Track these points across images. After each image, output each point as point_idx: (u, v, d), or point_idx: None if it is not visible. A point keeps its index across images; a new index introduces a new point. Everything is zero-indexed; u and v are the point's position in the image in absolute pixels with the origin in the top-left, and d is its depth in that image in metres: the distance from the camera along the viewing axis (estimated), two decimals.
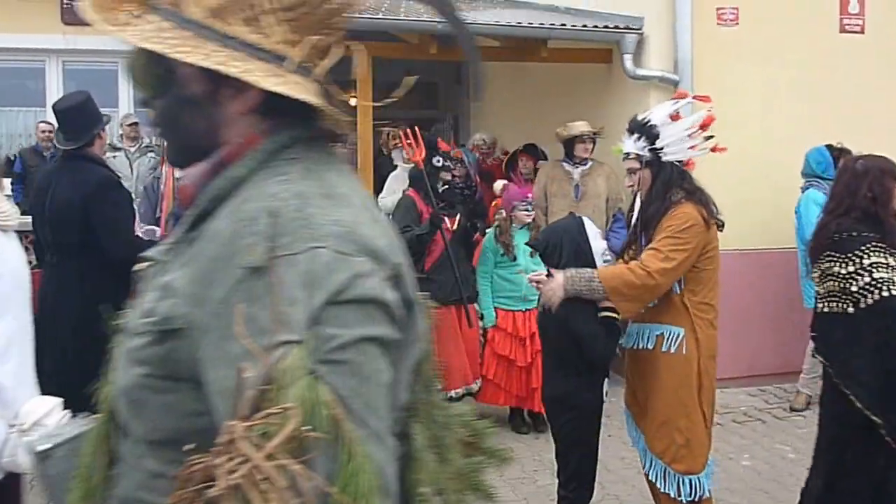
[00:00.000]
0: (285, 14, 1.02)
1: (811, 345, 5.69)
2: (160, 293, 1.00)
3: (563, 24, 6.28)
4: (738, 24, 6.16)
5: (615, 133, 5.84)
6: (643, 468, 3.41)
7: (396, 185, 6.97)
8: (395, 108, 11.47)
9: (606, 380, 3.63)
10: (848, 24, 6.40)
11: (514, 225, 5.27)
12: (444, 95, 11.44)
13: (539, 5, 7.45)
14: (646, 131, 3.30)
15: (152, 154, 7.35)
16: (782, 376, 6.05)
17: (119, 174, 4.33)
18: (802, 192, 5.59)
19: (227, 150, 1.05)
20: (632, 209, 3.48)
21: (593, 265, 3.44)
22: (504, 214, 5.33)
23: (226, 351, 0.90)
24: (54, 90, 8.49)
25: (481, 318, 5.32)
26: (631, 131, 3.37)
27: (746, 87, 5.96)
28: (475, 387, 5.24)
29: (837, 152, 5.54)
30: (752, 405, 5.89)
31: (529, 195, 5.37)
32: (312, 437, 0.82)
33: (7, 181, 7.57)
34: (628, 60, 6.13)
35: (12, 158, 8.02)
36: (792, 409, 5.75)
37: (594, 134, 5.85)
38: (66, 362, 3.70)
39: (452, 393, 5.02)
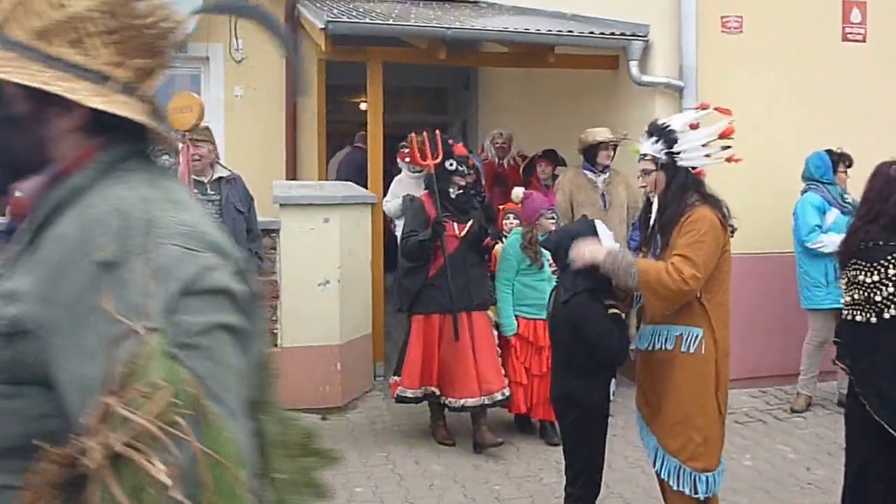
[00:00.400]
0: (110, 37, 1.08)
1: (805, 345, 5.79)
2: (3, 300, 1.03)
3: (570, 31, 6.37)
4: (742, 31, 6.25)
5: (621, 138, 5.95)
6: (654, 468, 3.42)
7: (400, 189, 6.87)
8: (404, 113, 11.65)
9: (613, 380, 3.73)
10: (850, 33, 6.49)
11: (538, 234, 5.11)
12: (453, 100, 11.54)
13: (546, 12, 7.55)
14: (664, 135, 3.36)
15: (167, 157, 7.44)
16: (783, 378, 6.13)
17: None
18: (802, 195, 5.70)
19: (65, 162, 1.11)
20: (648, 210, 3.49)
21: None
22: (522, 222, 5.24)
23: (80, 344, 0.95)
24: None
25: (497, 326, 5.18)
26: (650, 133, 3.42)
27: (750, 93, 6.05)
28: (499, 396, 5.03)
29: (837, 157, 5.64)
30: (754, 406, 5.97)
31: (555, 203, 5.25)
32: (180, 411, 0.89)
33: None
34: (634, 67, 6.23)
35: None
36: (792, 411, 5.84)
37: (618, 140, 5.81)
38: None
39: (467, 402, 4.95)
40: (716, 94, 6.07)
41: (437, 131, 5.27)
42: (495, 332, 5.16)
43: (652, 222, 3.44)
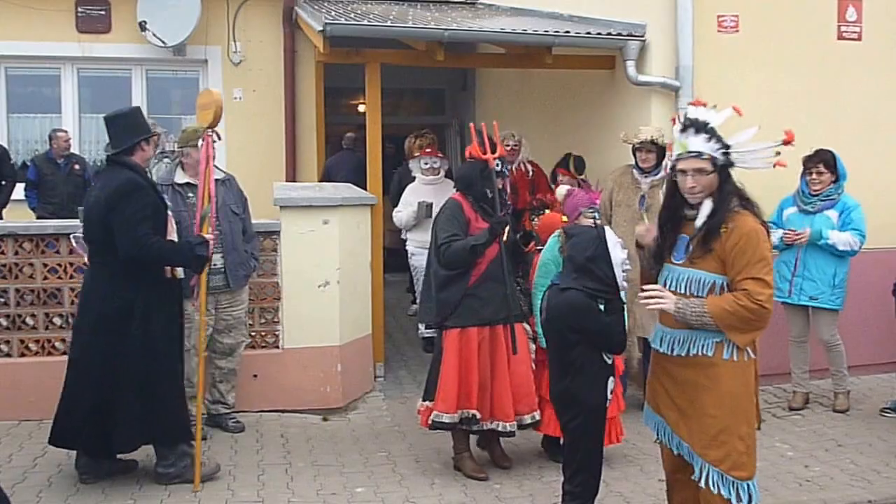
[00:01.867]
0: None
1: (790, 346, 5.84)
2: None
3: (567, 32, 6.38)
4: (738, 31, 6.27)
5: (617, 138, 5.97)
6: (696, 477, 3.25)
7: (413, 197, 6.91)
8: (402, 115, 11.68)
9: (611, 378, 3.74)
10: (845, 32, 6.51)
11: None
12: (450, 102, 11.56)
13: (543, 13, 7.57)
14: (716, 134, 3.17)
15: (168, 160, 7.45)
16: (781, 377, 6.15)
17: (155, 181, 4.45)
18: None
19: None
20: (672, 210, 3.31)
21: (610, 275, 3.53)
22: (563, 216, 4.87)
23: None
24: (69, 97, 8.62)
25: (533, 339, 4.75)
26: (697, 130, 3.19)
27: (746, 92, 6.07)
28: (528, 420, 4.67)
29: (806, 158, 5.66)
30: None
31: (597, 201, 4.89)
32: None
33: (20, 186, 7.78)
34: (631, 67, 6.24)
35: (27, 165, 8.13)
36: (790, 409, 5.86)
37: (649, 143, 5.53)
38: (86, 351, 4.25)
39: (516, 421, 4.58)
40: (712, 94, 6.04)
41: (495, 123, 4.74)
42: (532, 346, 4.75)
43: (701, 226, 3.17)
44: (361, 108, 10.22)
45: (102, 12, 8.31)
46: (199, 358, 4.67)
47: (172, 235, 4.45)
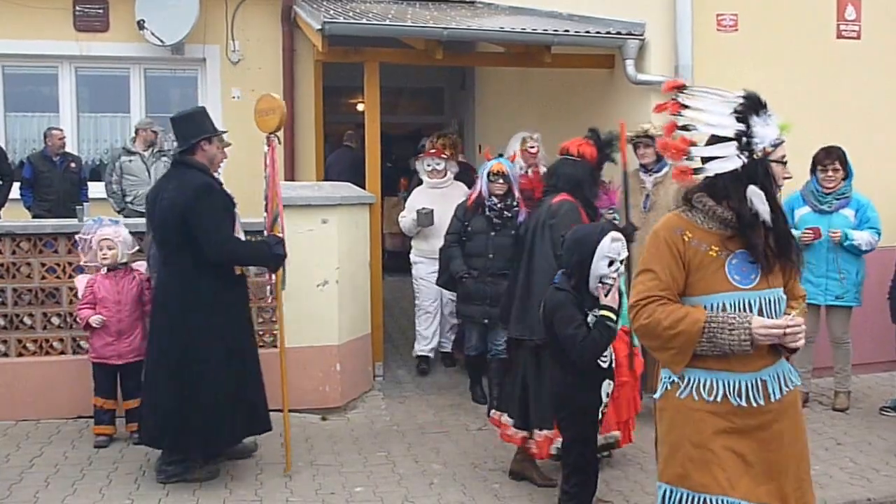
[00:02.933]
0: None
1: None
2: None
3: (567, 31, 6.38)
4: (737, 29, 6.27)
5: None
6: None
7: (420, 200, 6.51)
8: (401, 114, 11.64)
9: (607, 381, 3.71)
10: (845, 30, 6.51)
11: None
12: (449, 101, 11.55)
13: (542, 12, 7.56)
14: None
15: (166, 159, 7.45)
16: None
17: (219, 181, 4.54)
18: None
19: None
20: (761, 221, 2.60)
21: (584, 283, 3.50)
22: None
23: None
24: (67, 96, 8.60)
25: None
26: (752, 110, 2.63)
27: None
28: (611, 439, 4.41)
29: (822, 154, 5.60)
30: None
31: (616, 201, 4.83)
32: None
33: (16, 185, 7.76)
34: (630, 66, 6.24)
35: (23, 163, 8.14)
36: None
37: (644, 136, 5.42)
38: (163, 352, 4.32)
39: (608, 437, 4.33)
40: None
41: (622, 122, 4.69)
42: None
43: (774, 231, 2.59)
44: (360, 107, 10.22)
45: (100, 11, 8.30)
46: (280, 352, 4.66)
47: (240, 234, 4.51)
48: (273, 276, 4.68)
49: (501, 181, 5.55)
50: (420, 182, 6.84)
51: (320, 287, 5.69)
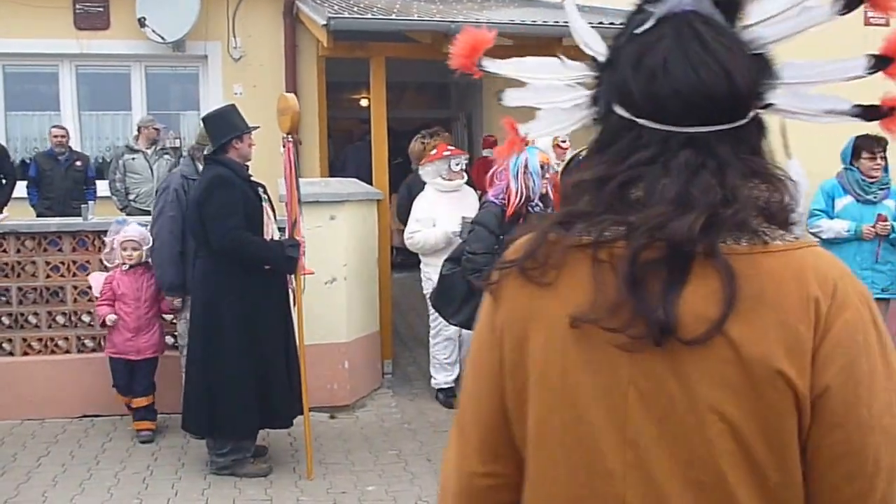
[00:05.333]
0: None
1: None
2: None
3: None
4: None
5: None
6: None
7: (425, 210, 5.60)
8: (406, 109, 11.49)
9: None
10: (872, 17, 6.40)
11: None
12: (455, 96, 11.46)
13: (550, 3, 7.47)
14: None
15: (168, 157, 7.38)
16: None
17: (243, 174, 4.59)
18: None
19: None
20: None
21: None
22: None
23: None
24: (68, 94, 8.52)
25: None
26: None
27: None
28: None
29: (862, 140, 5.32)
30: None
31: None
32: None
33: (23, 184, 7.70)
34: None
35: (28, 162, 8.05)
36: None
37: None
38: (194, 341, 4.45)
39: None
40: None
41: None
42: None
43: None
44: (364, 103, 10.13)
45: (101, 9, 8.21)
46: (300, 354, 4.60)
47: (270, 233, 4.54)
48: (293, 278, 4.65)
49: (547, 176, 4.67)
50: (412, 188, 6.03)
51: (328, 284, 5.62)
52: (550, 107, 1.28)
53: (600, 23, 6.34)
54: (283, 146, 4.62)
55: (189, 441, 4.91)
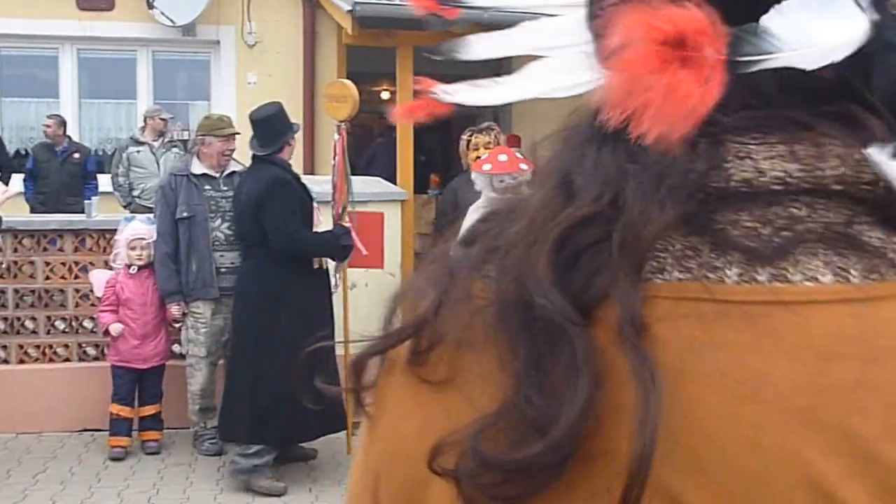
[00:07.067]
0: None
1: None
2: None
3: None
4: None
5: None
6: None
7: None
8: None
9: None
10: None
11: None
12: None
13: None
14: None
15: (177, 150, 7.12)
16: None
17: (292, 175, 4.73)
18: None
19: None
20: None
21: None
22: None
23: None
24: (67, 80, 8.32)
25: None
26: None
27: None
28: None
29: None
30: None
31: None
32: None
33: (20, 177, 7.44)
34: None
35: (23, 153, 7.92)
36: None
37: None
38: (243, 343, 4.55)
39: None
40: None
41: None
42: None
43: None
44: (385, 96, 9.85)
45: None
46: (345, 346, 4.41)
47: (319, 227, 4.74)
48: (338, 277, 4.84)
49: None
50: (458, 193, 5.23)
51: (349, 290, 5.32)
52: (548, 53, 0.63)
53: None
54: (338, 133, 4.77)
55: (197, 458, 4.83)
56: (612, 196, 0.48)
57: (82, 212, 5.67)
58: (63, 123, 7.54)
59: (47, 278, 5.22)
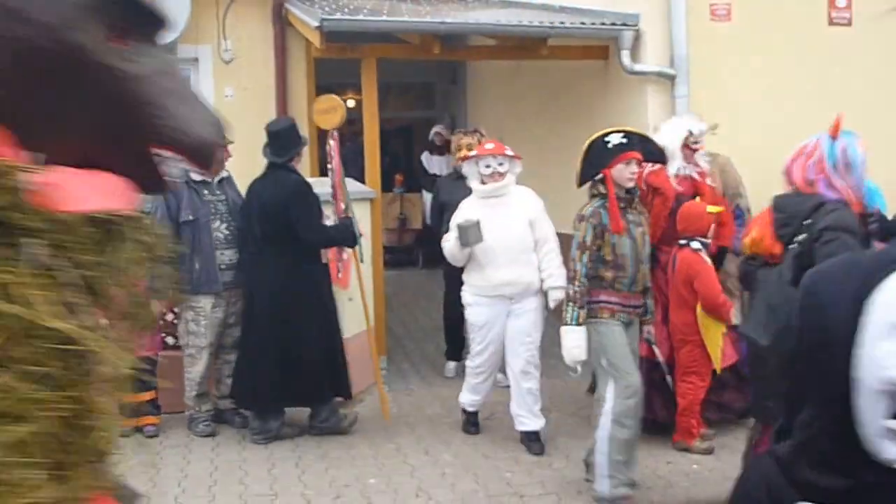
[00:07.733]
0: None
1: None
2: None
3: (562, 23, 6.43)
4: (730, 19, 6.34)
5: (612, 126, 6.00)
6: None
7: (463, 218, 4.85)
8: (392, 109, 11.60)
9: None
10: (836, 18, 6.59)
11: None
12: (440, 96, 11.58)
13: (533, 4, 7.60)
14: None
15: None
16: None
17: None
18: None
19: None
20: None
21: None
22: None
23: None
24: None
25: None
26: None
27: (741, 79, 6.13)
28: None
29: None
30: None
31: None
32: None
33: None
34: (625, 56, 6.28)
35: None
36: None
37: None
38: (266, 326, 5.00)
39: None
40: (707, 82, 6.18)
41: None
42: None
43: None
44: (351, 103, 10.21)
45: None
46: (367, 326, 5.39)
47: (329, 221, 5.35)
48: (348, 258, 5.50)
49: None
50: (440, 192, 6.20)
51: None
52: None
53: (582, 23, 6.48)
54: (332, 139, 5.32)
55: (193, 439, 5.04)
56: None
57: None
58: None
59: None
